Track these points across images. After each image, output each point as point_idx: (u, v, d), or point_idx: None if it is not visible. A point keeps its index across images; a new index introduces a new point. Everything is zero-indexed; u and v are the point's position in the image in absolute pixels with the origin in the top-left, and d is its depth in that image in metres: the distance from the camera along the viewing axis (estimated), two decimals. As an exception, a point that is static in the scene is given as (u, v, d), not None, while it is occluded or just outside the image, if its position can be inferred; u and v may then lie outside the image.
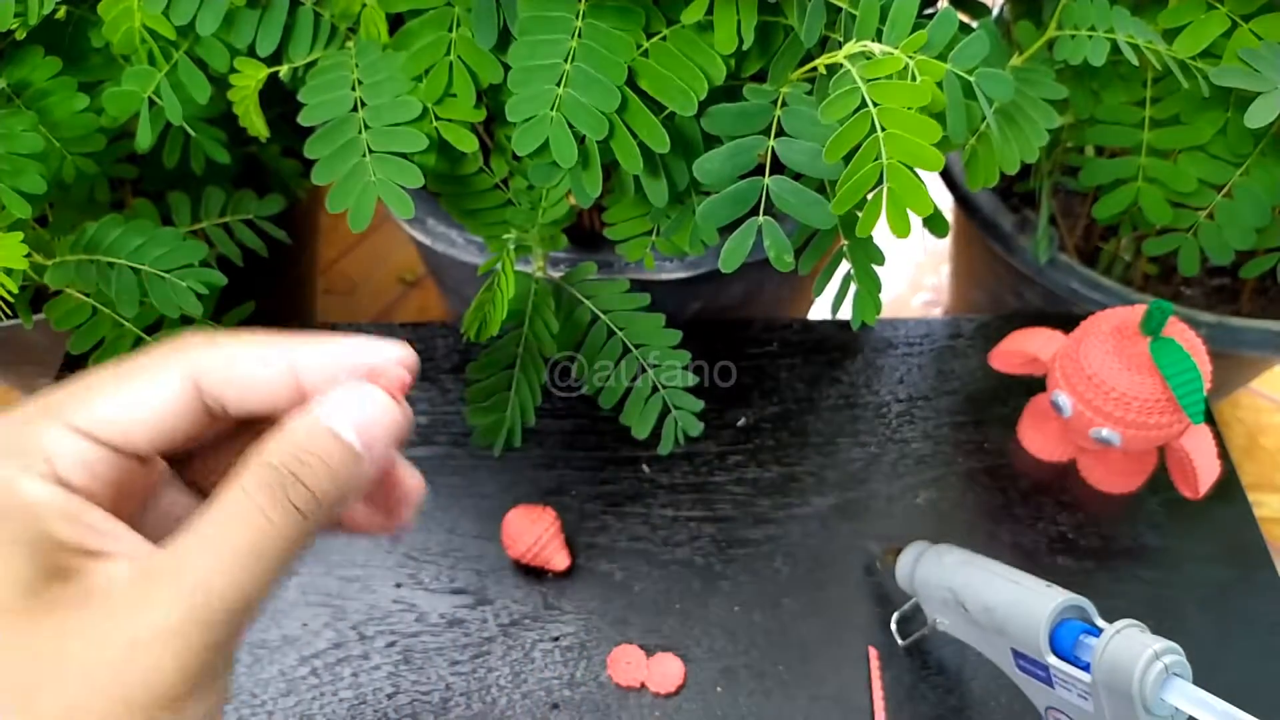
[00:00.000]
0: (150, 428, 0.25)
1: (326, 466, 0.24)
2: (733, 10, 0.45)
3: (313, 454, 0.24)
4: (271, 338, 0.28)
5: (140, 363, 0.26)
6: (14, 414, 0.25)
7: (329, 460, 0.25)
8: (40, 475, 0.24)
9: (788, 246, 0.42)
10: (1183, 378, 0.48)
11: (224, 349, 0.26)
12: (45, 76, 0.57)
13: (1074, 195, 0.82)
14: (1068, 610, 0.40)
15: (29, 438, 0.24)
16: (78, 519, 0.24)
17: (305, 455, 0.24)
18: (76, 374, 0.26)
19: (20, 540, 0.23)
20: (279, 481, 0.24)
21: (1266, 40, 0.53)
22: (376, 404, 0.26)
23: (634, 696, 0.51)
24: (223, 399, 0.26)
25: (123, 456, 0.25)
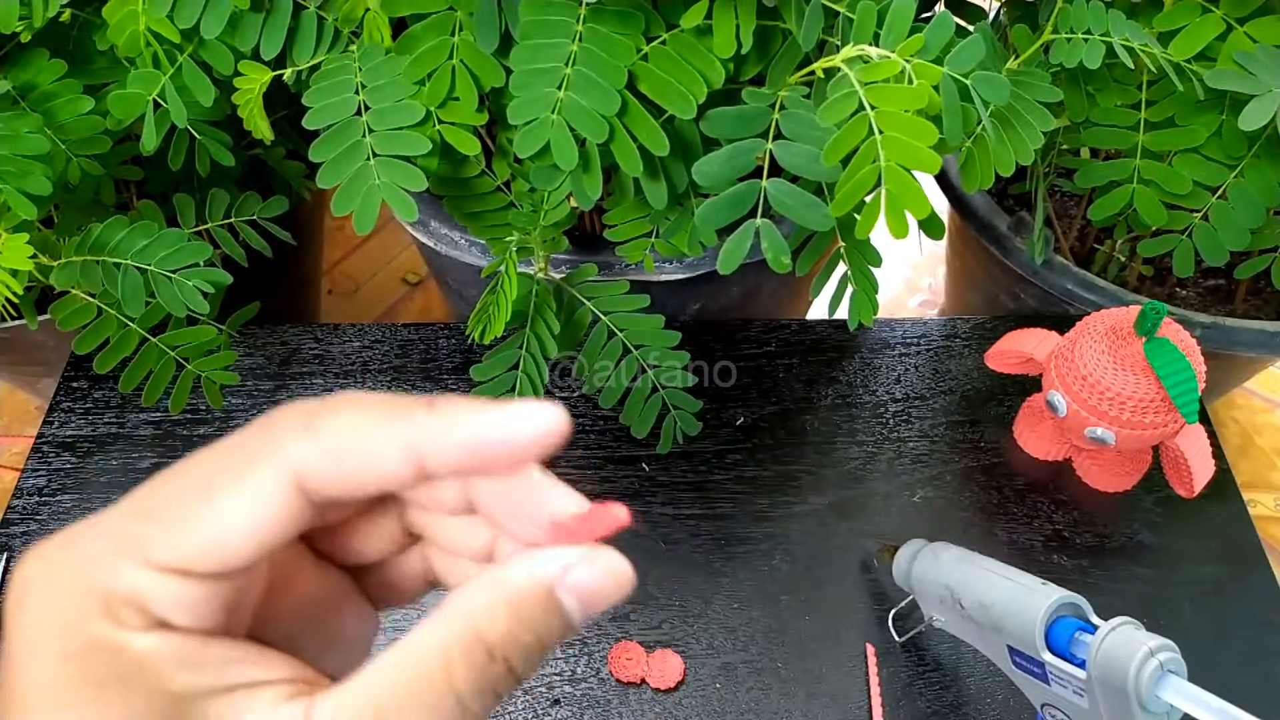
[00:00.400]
0: (250, 546, 0.21)
1: (542, 649, 0.21)
2: (731, 14, 0.46)
3: (533, 634, 0.21)
4: (379, 412, 0.22)
5: (226, 467, 0.22)
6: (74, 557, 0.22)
7: (547, 641, 0.21)
8: (140, 628, 0.20)
9: (785, 248, 0.43)
10: (1177, 378, 0.49)
11: (325, 439, 0.21)
12: (50, 79, 0.57)
13: (1069, 197, 0.82)
14: (1063, 608, 0.40)
15: (127, 585, 0.21)
16: (196, 663, 0.20)
17: (524, 635, 0.21)
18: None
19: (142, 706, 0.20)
20: (491, 674, 0.20)
21: (1261, 43, 0.54)
22: (614, 579, 0.22)
23: (634, 692, 0.51)
24: (330, 496, 0.22)
25: (227, 577, 0.21)
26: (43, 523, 0.58)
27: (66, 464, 0.61)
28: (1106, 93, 0.60)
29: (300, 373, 0.66)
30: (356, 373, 0.65)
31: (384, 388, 0.64)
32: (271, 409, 0.22)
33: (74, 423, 0.63)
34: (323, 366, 0.66)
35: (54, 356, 0.76)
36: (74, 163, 0.57)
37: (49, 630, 0.20)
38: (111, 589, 0.20)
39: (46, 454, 0.61)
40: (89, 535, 0.22)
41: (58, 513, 0.59)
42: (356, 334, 0.68)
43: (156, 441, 0.62)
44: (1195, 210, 0.60)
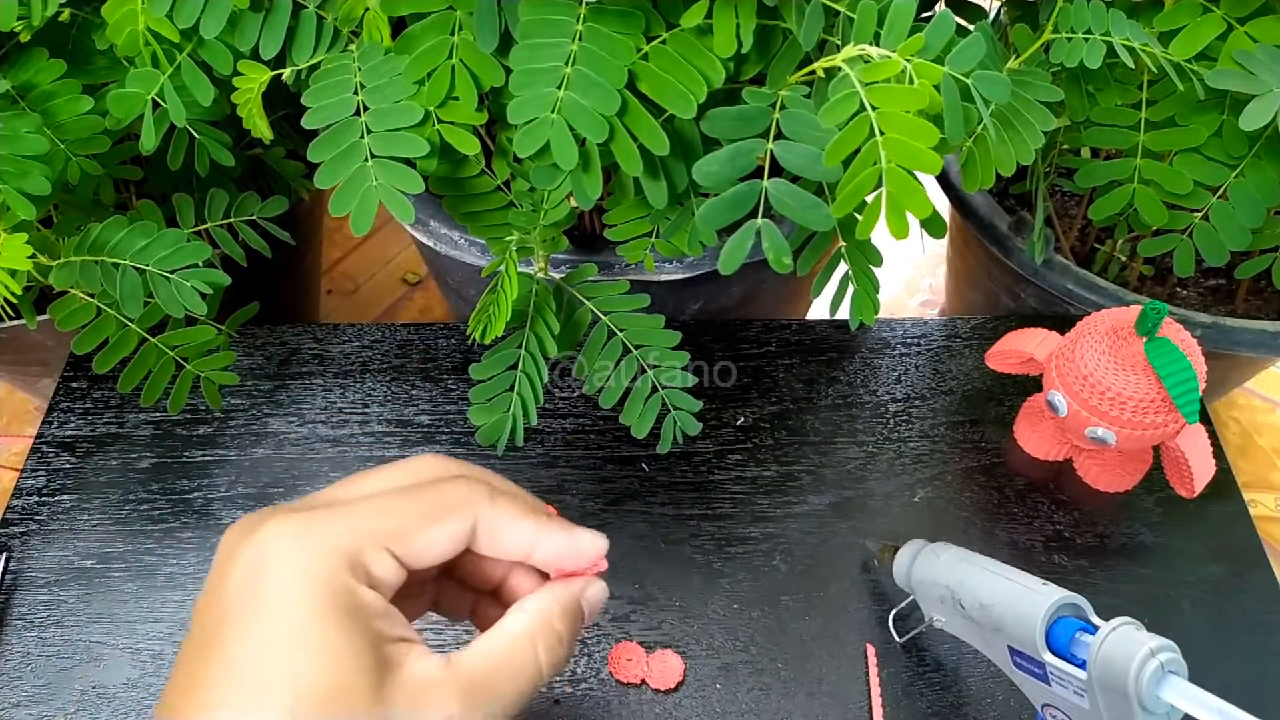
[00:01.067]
0: (438, 560, 0.35)
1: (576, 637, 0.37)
2: (732, 14, 0.46)
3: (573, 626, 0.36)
4: (525, 509, 0.36)
5: (446, 507, 0.35)
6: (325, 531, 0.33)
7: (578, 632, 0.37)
8: (369, 584, 0.32)
9: (786, 248, 0.42)
10: (1178, 378, 0.49)
11: (499, 513, 0.35)
12: (50, 78, 0.57)
13: (1070, 197, 0.82)
14: (1064, 608, 0.40)
15: (363, 557, 0.33)
16: (390, 617, 0.33)
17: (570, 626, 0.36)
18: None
19: (365, 634, 0.31)
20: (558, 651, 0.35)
21: (1262, 43, 0.54)
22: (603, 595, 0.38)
23: (634, 693, 0.51)
24: (477, 547, 0.35)
25: (413, 572, 0.34)
26: (42, 523, 0.58)
27: (66, 464, 0.61)
28: (1107, 92, 0.60)
29: (300, 372, 0.66)
30: (356, 373, 0.65)
31: (384, 387, 0.64)
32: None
33: (73, 423, 0.63)
34: (322, 366, 0.66)
35: (53, 356, 0.76)
36: (73, 162, 0.57)
37: (309, 574, 0.31)
38: (354, 557, 0.32)
39: (46, 454, 0.61)
40: (325, 519, 0.33)
41: (57, 513, 0.59)
42: (356, 334, 0.68)
43: (156, 441, 0.62)
44: (1196, 210, 0.60)
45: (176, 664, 0.33)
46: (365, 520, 0.33)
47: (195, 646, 0.32)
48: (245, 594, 0.31)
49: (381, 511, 0.34)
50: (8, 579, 0.56)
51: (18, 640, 0.53)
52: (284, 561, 0.31)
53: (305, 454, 0.61)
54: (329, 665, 0.30)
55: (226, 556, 0.33)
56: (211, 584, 0.33)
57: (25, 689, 0.52)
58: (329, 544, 0.32)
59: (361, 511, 0.34)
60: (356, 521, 0.33)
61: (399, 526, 0.34)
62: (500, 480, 0.38)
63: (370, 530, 0.33)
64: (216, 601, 0.32)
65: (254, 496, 0.59)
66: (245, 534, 0.33)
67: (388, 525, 0.33)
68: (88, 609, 0.55)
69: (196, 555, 0.57)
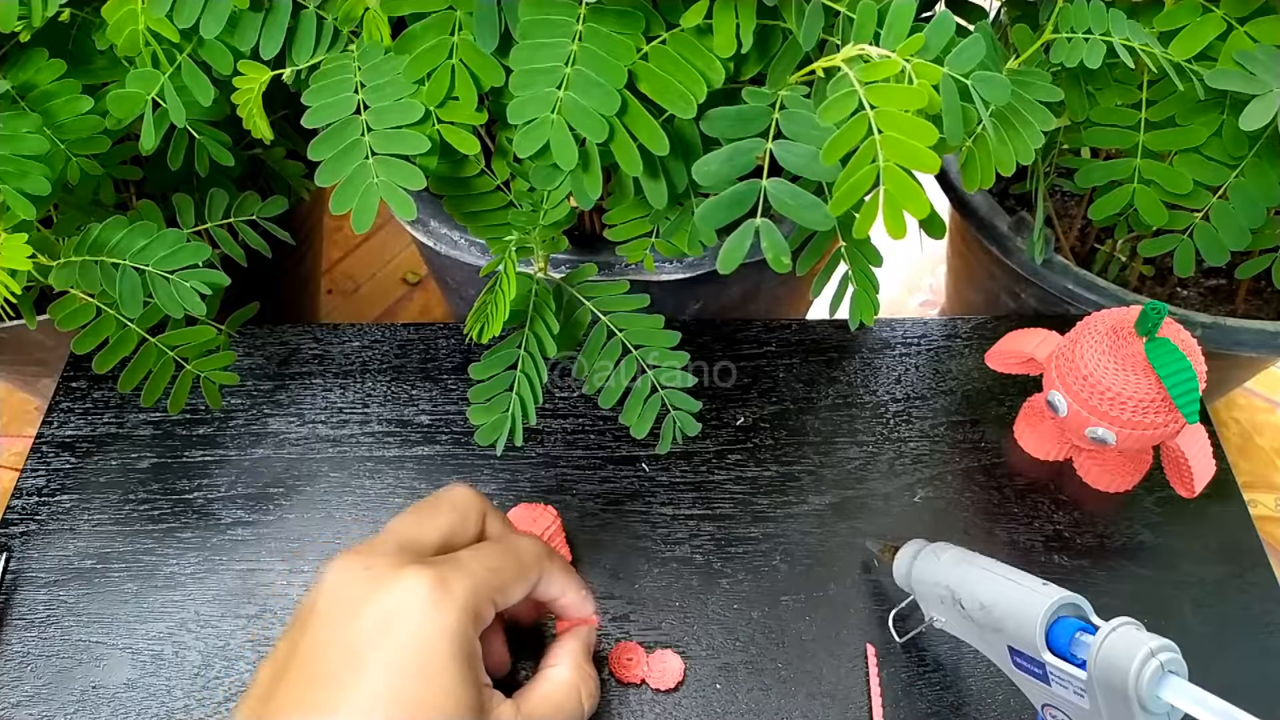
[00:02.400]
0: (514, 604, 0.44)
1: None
2: (731, 14, 0.46)
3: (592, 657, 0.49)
4: (565, 569, 0.48)
5: (527, 564, 0.44)
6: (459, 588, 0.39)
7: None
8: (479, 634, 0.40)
9: (785, 248, 0.42)
10: (1178, 378, 0.49)
11: (553, 569, 0.46)
12: (50, 79, 0.57)
13: (1070, 197, 0.82)
14: (1064, 608, 0.40)
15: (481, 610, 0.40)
16: (481, 661, 0.40)
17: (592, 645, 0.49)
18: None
19: (475, 680, 0.39)
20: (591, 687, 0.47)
21: (1262, 43, 0.54)
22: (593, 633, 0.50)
23: (634, 693, 0.51)
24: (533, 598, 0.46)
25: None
26: (42, 523, 0.58)
27: (66, 464, 0.61)
28: (1107, 92, 0.60)
29: (300, 372, 0.66)
30: (356, 373, 0.65)
31: (384, 387, 0.64)
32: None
33: (73, 423, 0.63)
34: (322, 366, 0.66)
35: (53, 356, 0.76)
36: (73, 162, 0.57)
37: (445, 627, 0.38)
38: (476, 610, 0.40)
39: (46, 454, 0.61)
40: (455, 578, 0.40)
41: (57, 513, 0.59)
42: (356, 334, 0.68)
43: (156, 441, 0.62)
44: (1196, 210, 0.60)
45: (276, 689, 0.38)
46: (483, 577, 0.41)
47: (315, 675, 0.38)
48: (382, 635, 0.38)
49: (490, 569, 0.42)
50: (8, 579, 0.56)
51: (18, 640, 0.53)
52: (424, 613, 0.38)
53: (305, 454, 0.61)
54: (451, 703, 0.37)
55: (358, 600, 0.39)
56: (335, 619, 0.39)
57: (25, 689, 0.52)
58: (460, 600, 0.39)
59: (478, 570, 0.41)
60: (478, 580, 0.41)
61: (502, 582, 0.42)
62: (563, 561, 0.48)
63: (487, 586, 0.41)
64: (344, 638, 0.38)
65: (254, 496, 0.59)
66: (376, 579, 0.39)
67: (495, 581, 0.41)
68: (88, 609, 0.55)
69: (196, 555, 0.57)
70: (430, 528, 0.44)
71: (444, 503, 0.46)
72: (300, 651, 0.38)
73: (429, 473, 0.60)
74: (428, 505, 0.46)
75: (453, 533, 0.45)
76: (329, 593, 0.40)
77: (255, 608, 0.55)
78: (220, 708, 0.51)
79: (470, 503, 0.46)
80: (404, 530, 0.44)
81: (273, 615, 0.54)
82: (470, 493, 0.47)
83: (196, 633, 0.54)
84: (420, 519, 0.44)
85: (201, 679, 0.52)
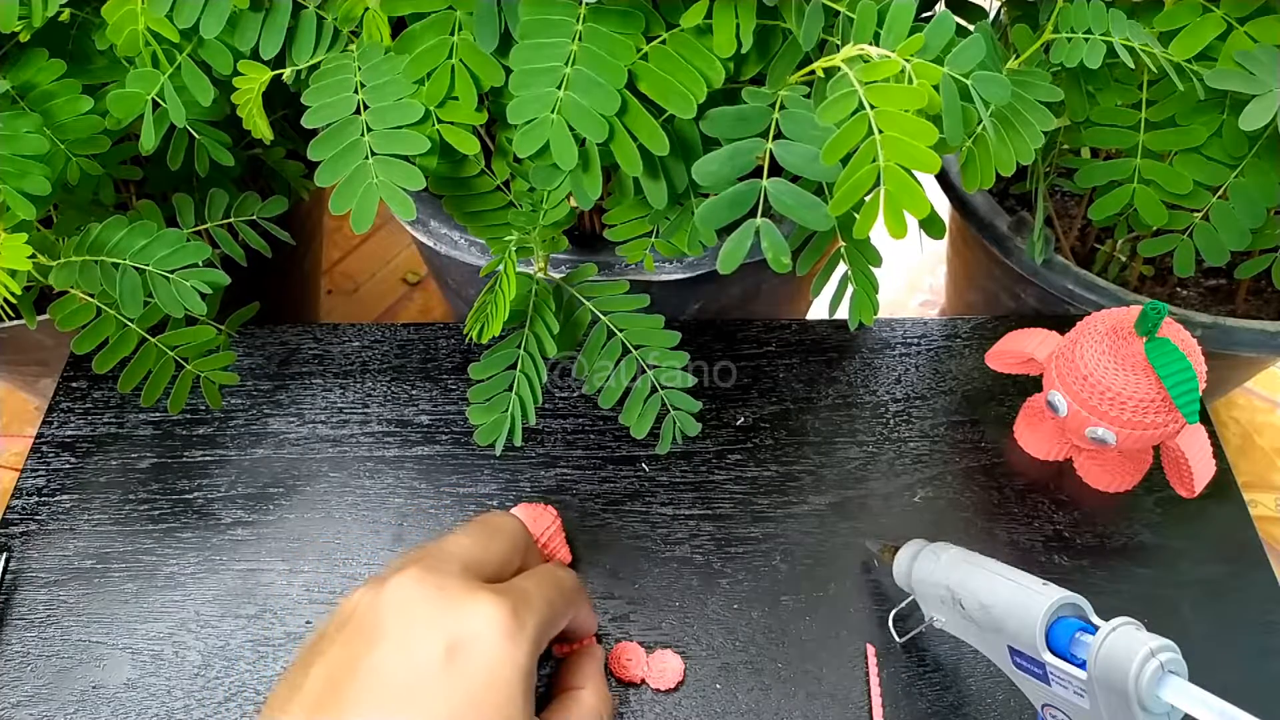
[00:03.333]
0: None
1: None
2: (731, 14, 0.46)
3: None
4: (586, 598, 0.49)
5: (570, 599, 0.45)
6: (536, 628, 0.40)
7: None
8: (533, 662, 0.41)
9: (786, 248, 0.42)
10: (1178, 378, 0.49)
11: (582, 600, 0.47)
12: (50, 79, 0.57)
13: (1070, 197, 0.82)
14: (1064, 608, 0.40)
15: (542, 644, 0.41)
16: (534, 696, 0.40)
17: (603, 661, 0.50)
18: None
19: (531, 710, 0.39)
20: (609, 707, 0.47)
21: (1262, 43, 0.54)
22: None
23: (634, 693, 0.51)
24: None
25: None
26: (42, 523, 0.58)
27: (66, 464, 0.61)
28: (1107, 92, 0.60)
29: (300, 372, 0.66)
30: (356, 373, 0.65)
31: (384, 387, 0.64)
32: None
33: (73, 423, 0.63)
34: (322, 366, 0.66)
35: (53, 356, 0.76)
36: (73, 162, 0.57)
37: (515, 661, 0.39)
38: (539, 644, 0.41)
39: (46, 454, 0.61)
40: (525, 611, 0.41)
41: (57, 513, 0.59)
42: (356, 334, 0.68)
43: (156, 441, 0.62)
44: (1196, 210, 0.60)
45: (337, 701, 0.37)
46: (546, 611, 0.42)
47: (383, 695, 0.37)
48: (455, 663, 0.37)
49: (548, 601, 0.42)
50: (8, 579, 0.56)
51: (18, 640, 0.53)
52: (500, 645, 0.38)
53: (305, 454, 0.61)
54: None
55: (429, 621, 0.38)
56: (406, 639, 0.38)
57: (25, 689, 0.52)
58: (531, 634, 0.40)
59: (542, 604, 0.42)
60: (543, 614, 0.41)
61: (556, 615, 0.43)
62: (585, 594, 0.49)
63: (549, 619, 0.42)
64: (415, 661, 0.37)
65: (254, 496, 0.59)
66: (451, 600, 0.39)
67: (552, 614, 0.42)
68: (88, 609, 0.55)
69: (196, 555, 0.57)
70: (491, 554, 0.44)
71: (501, 530, 0.45)
72: (364, 666, 0.37)
73: (429, 473, 0.60)
74: (484, 530, 0.45)
75: (508, 561, 0.45)
76: (398, 607, 0.39)
77: (255, 608, 0.55)
78: (221, 708, 0.51)
79: (520, 533, 0.47)
80: (466, 553, 0.43)
81: (273, 615, 0.54)
82: (519, 523, 0.48)
83: (196, 633, 0.54)
84: (480, 543, 0.44)
85: (201, 679, 0.52)
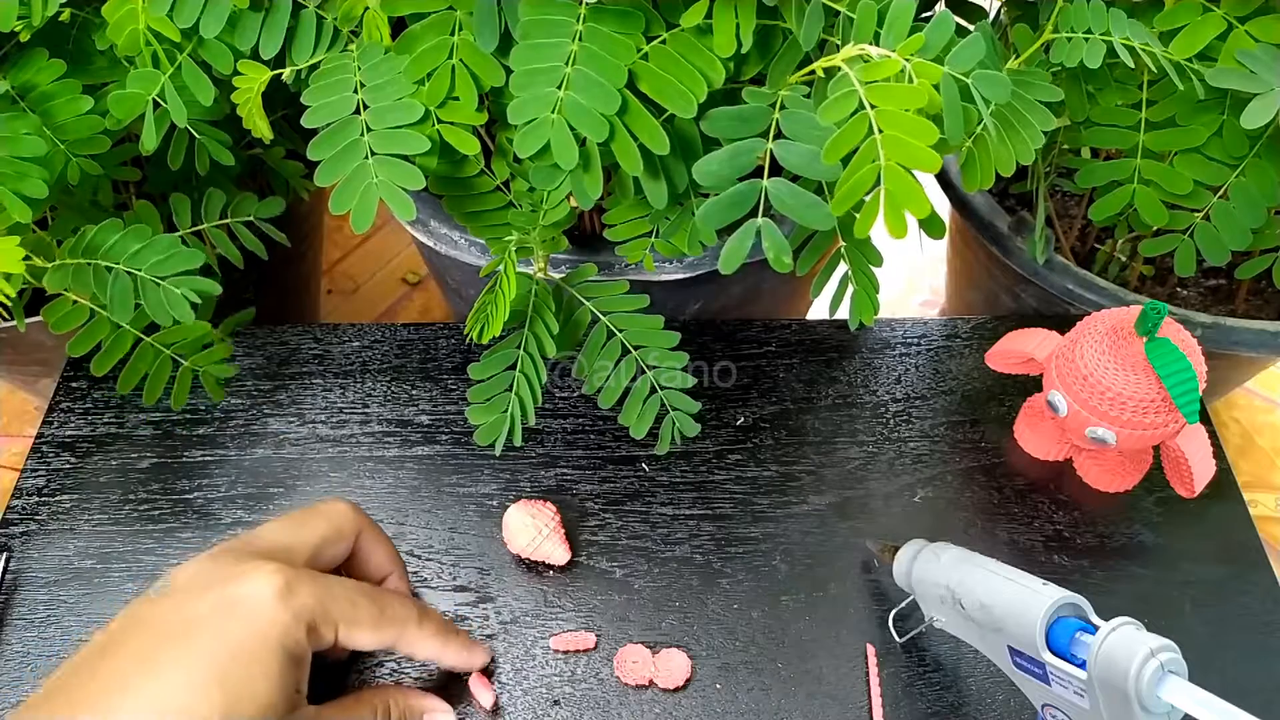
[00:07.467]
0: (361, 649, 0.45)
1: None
2: (732, 14, 0.46)
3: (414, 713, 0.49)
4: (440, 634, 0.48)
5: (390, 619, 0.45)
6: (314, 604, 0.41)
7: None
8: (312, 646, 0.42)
9: (786, 248, 0.42)
10: (1178, 378, 0.49)
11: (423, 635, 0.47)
12: (49, 79, 0.57)
13: (1070, 197, 0.82)
14: (1064, 608, 0.40)
15: (319, 627, 0.42)
16: (306, 672, 0.42)
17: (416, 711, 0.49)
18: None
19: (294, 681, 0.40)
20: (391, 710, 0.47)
21: (1263, 42, 0.54)
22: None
23: (634, 693, 0.51)
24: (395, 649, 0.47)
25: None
26: (42, 523, 0.58)
27: (66, 464, 0.61)
28: (1107, 92, 0.60)
29: (300, 372, 0.66)
30: (356, 373, 0.65)
31: (384, 388, 0.64)
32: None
33: (73, 423, 0.63)
34: (322, 366, 0.66)
35: (53, 356, 0.76)
36: (73, 163, 0.57)
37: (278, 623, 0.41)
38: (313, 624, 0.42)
39: (46, 454, 0.61)
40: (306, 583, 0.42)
41: (57, 513, 0.59)
42: (356, 334, 0.68)
43: (156, 441, 0.62)
44: (1196, 210, 0.60)
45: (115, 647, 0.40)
46: (334, 600, 0.42)
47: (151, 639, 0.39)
48: (221, 615, 0.40)
49: (347, 599, 0.43)
50: (8, 579, 0.56)
51: (18, 640, 0.53)
52: (265, 604, 0.40)
53: (305, 454, 0.61)
54: (266, 691, 0.39)
55: (207, 584, 0.41)
56: (182, 597, 0.41)
57: (25, 689, 0.52)
58: (303, 603, 0.41)
59: (333, 593, 0.43)
60: (327, 599, 0.42)
61: (352, 617, 0.43)
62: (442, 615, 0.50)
63: (334, 610, 0.42)
64: (185, 613, 0.40)
65: (254, 496, 0.59)
66: (232, 565, 0.42)
67: (345, 611, 0.43)
68: (88, 609, 0.55)
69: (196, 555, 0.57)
70: (302, 538, 0.45)
71: (319, 516, 0.47)
72: (141, 617, 0.41)
73: (429, 473, 0.60)
74: (302, 515, 0.47)
75: (324, 545, 0.46)
76: (185, 575, 0.42)
77: (255, 608, 0.55)
78: (220, 708, 0.51)
79: (346, 519, 0.47)
80: (274, 536, 0.45)
81: (273, 615, 0.54)
82: (348, 509, 0.48)
83: (196, 633, 0.54)
84: (292, 527, 0.46)
85: (201, 679, 0.52)
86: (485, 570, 0.56)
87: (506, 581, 0.55)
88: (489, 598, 0.55)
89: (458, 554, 0.56)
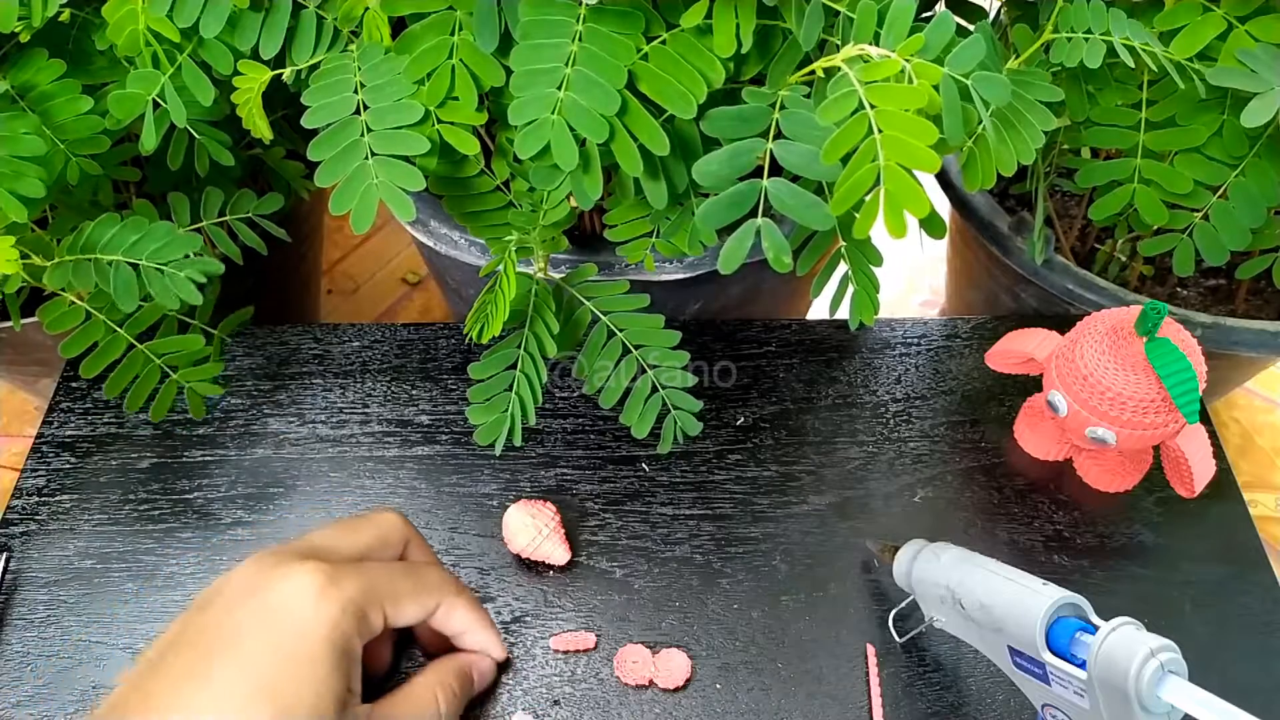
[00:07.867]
0: (409, 623, 0.46)
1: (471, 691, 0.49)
2: (731, 14, 0.46)
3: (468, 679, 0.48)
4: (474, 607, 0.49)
5: (428, 587, 0.46)
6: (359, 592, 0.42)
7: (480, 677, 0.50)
8: (361, 634, 0.42)
9: (786, 247, 0.42)
10: (1178, 378, 0.49)
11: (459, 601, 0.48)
12: (49, 79, 0.57)
13: (1070, 197, 0.82)
14: (1064, 608, 0.40)
15: (368, 612, 0.42)
16: (358, 666, 0.42)
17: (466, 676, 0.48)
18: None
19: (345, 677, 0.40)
20: (454, 704, 0.46)
21: (1263, 41, 0.54)
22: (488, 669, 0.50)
23: (634, 693, 0.51)
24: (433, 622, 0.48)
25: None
26: (42, 523, 0.58)
27: (66, 464, 0.61)
28: (1107, 92, 0.60)
29: (300, 372, 0.66)
30: (356, 373, 0.65)
31: (384, 387, 0.64)
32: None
33: (73, 423, 0.63)
34: (322, 366, 0.66)
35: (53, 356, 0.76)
36: (73, 163, 0.57)
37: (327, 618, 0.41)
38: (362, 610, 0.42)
39: (46, 454, 0.61)
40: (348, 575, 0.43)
41: (57, 513, 0.59)
42: (356, 334, 0.68)
43: (156, 441, 0.62)
44: (1196, 210, 0.60)
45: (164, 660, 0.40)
46: (376, 584, 0.43)
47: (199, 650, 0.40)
48: (265, 619, 0.40)
49: (387, 579, 0.44)
50: (8, 579, 0.56)
51: (18, 640, 0.53)
52: (309, 603, 0.41)
53: (305, 454, 0.61)
54: (313, 693, 0.39)
55: (253, 588, 0.41)
56: (229, 603, 0.41)
57: (25, 689, 0.52)
58: (348, 595, 0.41)
59: (374, 577, 0.43)
60: (369, 584, 0.43)
61: (396, 594, 0.44)
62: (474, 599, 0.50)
63: (379, 592, 0.43)
64: (231, 619, 0.41)
65: (254, 496, 0.59)
66: (272, 569, 0.42)
67: (388, 590, 0.43)
68: (88, 609, 0.55)
69: (196, 555, 0.57)
70: (348, 542, 0.46)
71: (368, 523, 0.48)
72: (192, 628, 0.41)
73: (429, 473, 0.60)
74: (351, 522, 0.48)
75: (369, 553, 0.46)
76: (232, 581, 0.43)
77: (255, 608, 0.55)
78: (220, 708, 0.51)
79: (394, 528, 0.48)
80: (320, 540, 0.45)
81: (273, 615, 0.54)
82: (397, 519, 0.49)
83: (196, 633, 0.54)
84: (340, 533, 0.46)
85: (201, 679, 0.52)
86: (485, 570, 0.56)
87: (506, 581, 0.55)
88: (489, 598, 0.55)
89: (458, 554, 0.56)
